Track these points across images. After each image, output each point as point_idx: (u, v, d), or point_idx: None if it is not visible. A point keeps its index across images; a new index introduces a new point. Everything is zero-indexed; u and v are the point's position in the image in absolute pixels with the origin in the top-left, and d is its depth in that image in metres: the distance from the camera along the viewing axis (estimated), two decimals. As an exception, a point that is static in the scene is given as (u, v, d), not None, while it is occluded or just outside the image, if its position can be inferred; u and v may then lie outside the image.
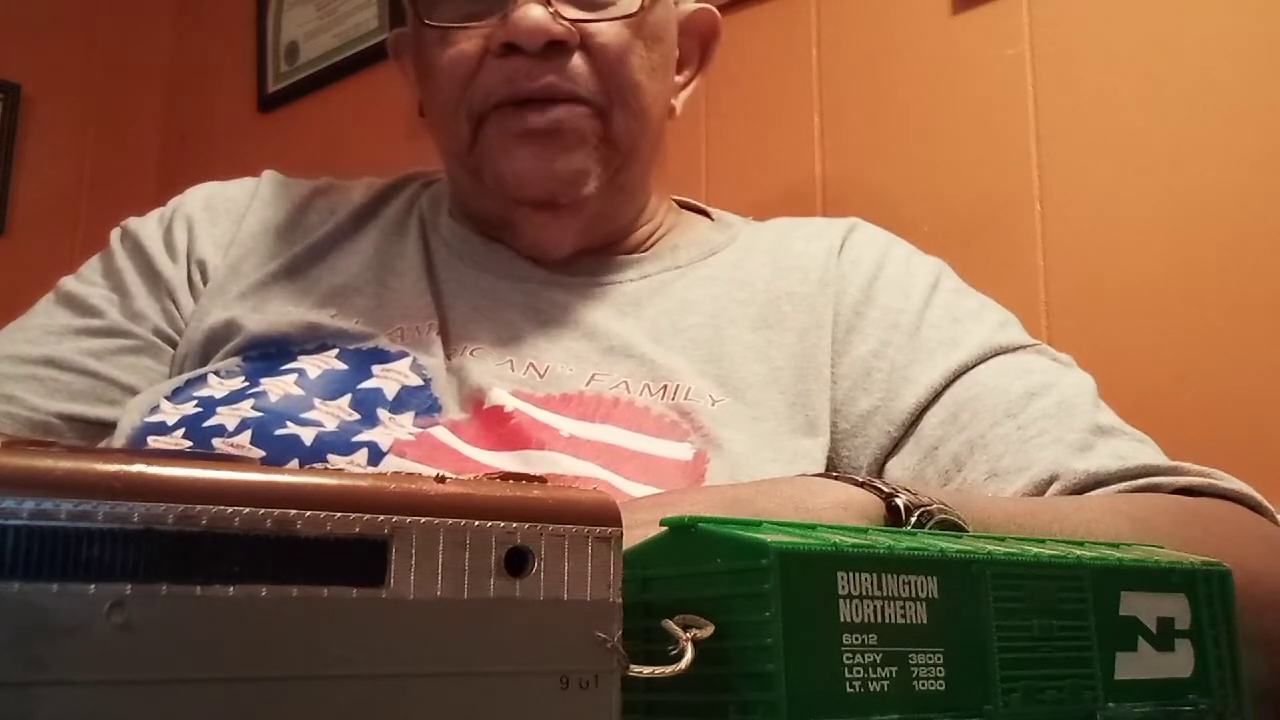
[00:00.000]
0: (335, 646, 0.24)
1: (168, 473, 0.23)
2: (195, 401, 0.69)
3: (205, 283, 0.80)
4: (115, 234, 0.83)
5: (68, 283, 0.81)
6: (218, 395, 0.69)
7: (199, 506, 0.23)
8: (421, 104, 0.80)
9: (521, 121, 0.72)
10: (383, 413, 0.68)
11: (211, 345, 0.75)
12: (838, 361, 0.73)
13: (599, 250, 0.80)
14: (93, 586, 0.22)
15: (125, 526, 0.22)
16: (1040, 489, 0.64)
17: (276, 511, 0.24)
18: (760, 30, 1.49)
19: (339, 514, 0.24)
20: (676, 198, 0.90)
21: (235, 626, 0.23)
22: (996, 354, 0.72)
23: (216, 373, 0.72)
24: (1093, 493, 0.64)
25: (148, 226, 0.82)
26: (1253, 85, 1.14)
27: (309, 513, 0.24)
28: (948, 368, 0.71)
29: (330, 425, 0.66)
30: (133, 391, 0.76)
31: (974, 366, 0.71)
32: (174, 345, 0.79)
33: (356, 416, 0.68)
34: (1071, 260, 1.21)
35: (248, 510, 0.23)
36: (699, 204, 0.89)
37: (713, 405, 0.70)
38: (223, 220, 0.82)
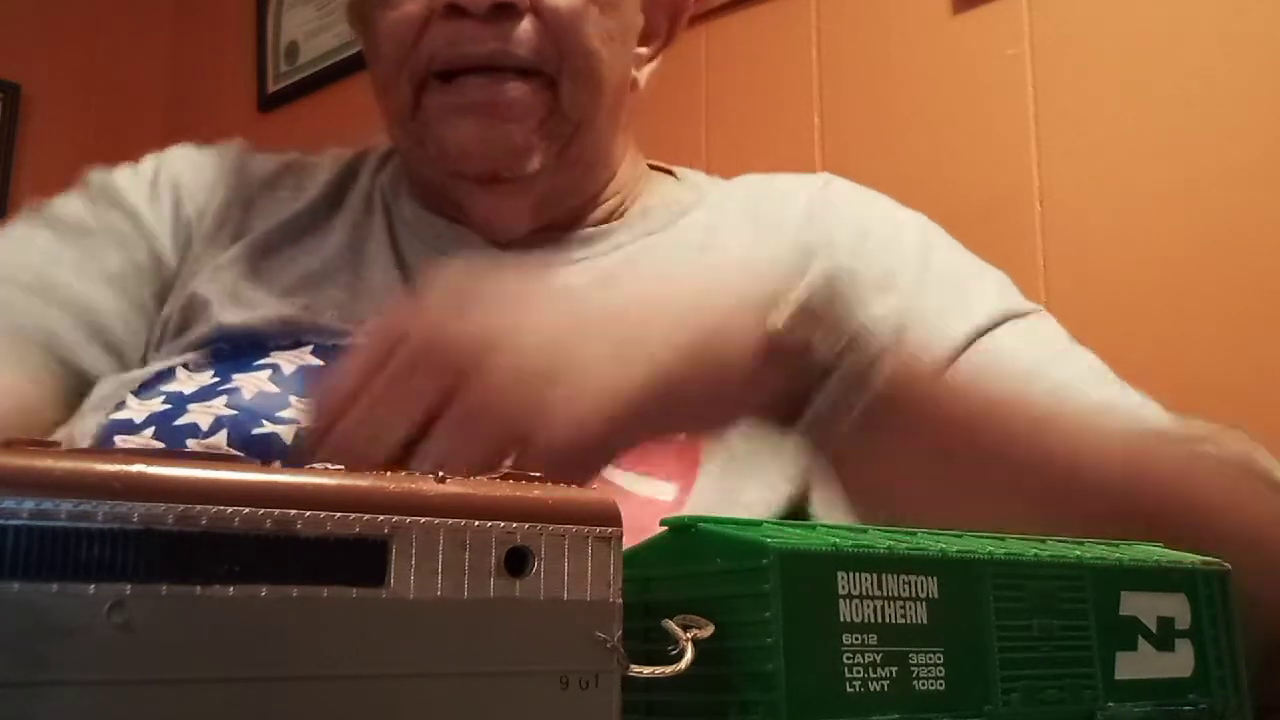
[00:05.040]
0: (335, 646, 0.24)
1: (167, 473, 0.23)
2: (163, 397, 0.67)
3: (189, 247, 0.78)
4: (106, 201, 0.80)
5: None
6: (187, 391, 0.67)
7: (199, 506, 0.23)
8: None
9: (461, 95, 0.69)
10: None
11: (189, 315, 0.74)
12: None
13: (564, 226, 0.77)
14: (93, 587, 0.22)
15: (125, 526, 0.22)
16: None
17: (276, 511, 0.24)
18: (760, 30, 1.49)
19: (339, 514, 0.24)
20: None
21: (235, 626, 0.23)
22: (1010, 319, 0.70)
23: (185, 365, 0.70)
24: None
25: (139, 193, 0.80)
26: (1251, 84, 1.14)
27: (309, 513, 0.24)
28: (962, 332, 0.68)
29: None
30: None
31: (989, 330, 0.69)
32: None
33: None
34: (1071, 259, 1.21)
35: (247, 510, 0.23)
36: (661, 164, 0.86)
37: None
38: (199, 187, 0.80)
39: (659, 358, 0.44)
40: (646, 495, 0.62)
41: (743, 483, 0.64)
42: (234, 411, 0.64)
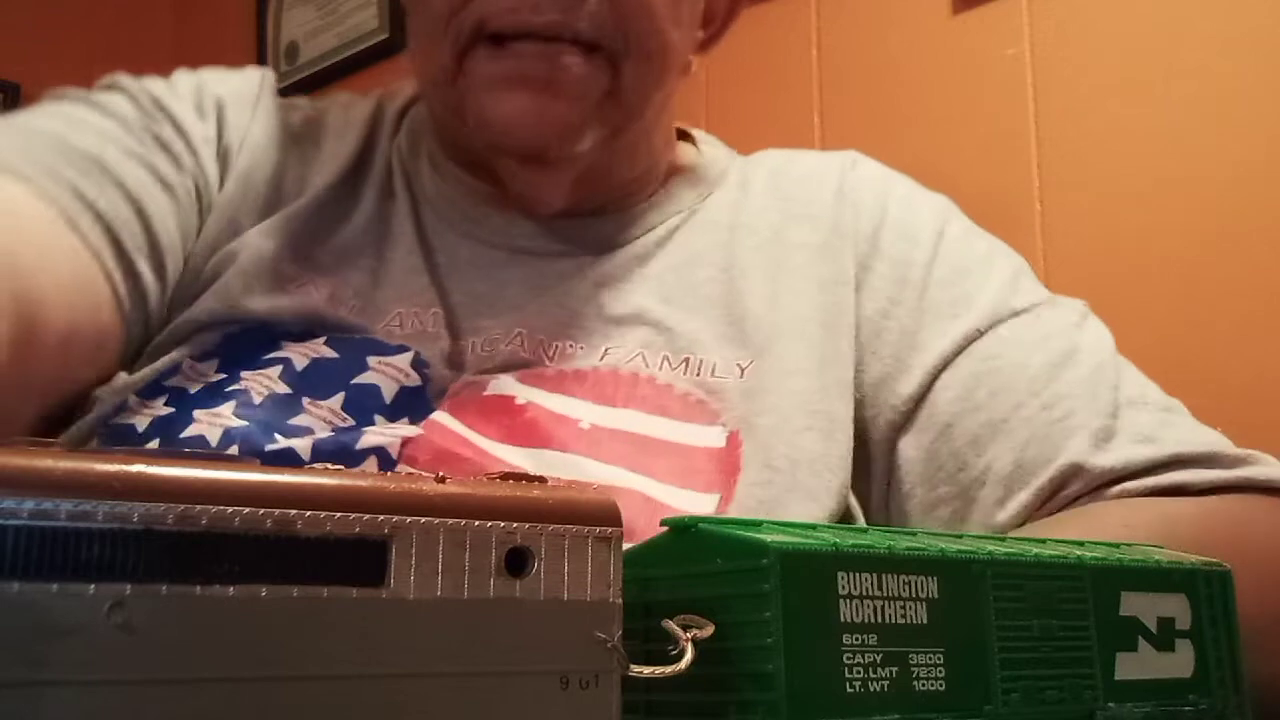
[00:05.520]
0: (335, 646, 0.24)
1: (168, 473, 0.23)
2: (166, 396, 0.63)
3: (223, 183, 0.71)
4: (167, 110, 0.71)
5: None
6: (192, 389, 0.63)
7: (199, 506, 0.23)
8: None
9: (513, 64, 0.63)
10: (379, 419, 0.62)
11: (221, 265, 0.68)
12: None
13: (597, 208, 0.73)
14: (93, 587, 0.22)
15: (125, 526, 0.22)
16: (1058, 484, 0.61)
17: (276, 511, 0.24)
18: (760, 30, 1.49)
19: (339, 514, 0.24)
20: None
21: (235, 626, 0.23)
22: (1010, 316, 0.66)
23: (193, 355, 0.65)
24: (1109, 497, 0.60)
25: (183, 106, 0.71)
26: (1251, 84, 1.14)
27: (309, 513, 0.24)
28: (958, 334, 0.65)
29: (322, 433, 0.60)
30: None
31: (987, 331, 0.66)
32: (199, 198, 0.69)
33: (350, 421, 0.62)
34: (1071, 259, 1.21)
35: (248, 510, 0.23)
36: (680, 125, 0.80)
37: (742, 377, 0.65)
38: (240, 117, 0.73)
39: None
40: (686, 507, 0.59)
41: (785, 495, 0.61)
42: (244, 423, 0.60)
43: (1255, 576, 0.45)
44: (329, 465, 0.26)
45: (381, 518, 0.25)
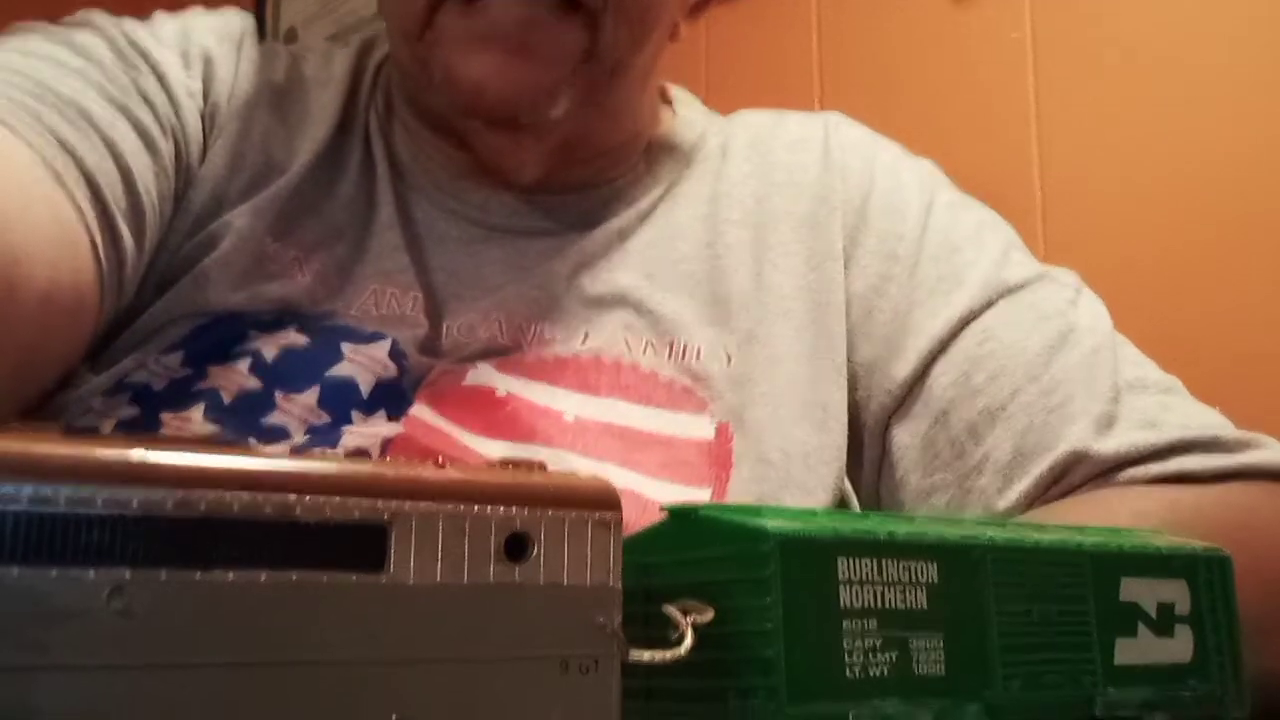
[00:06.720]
0: (334, 632, 0.24)
1: (167, 458, 0.23)
2: (129, 394, 0.59)
3: (206, 146, 0.66)
4: (145, 54, 0.65)
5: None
6: (156, 386, 0.59)
7: (198, 491, 0.23)
8: None
9: (486, 22, 0.58)
10: (356, 415, 0.59)
11: (201, 250, 0.64)
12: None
13: (578, 181, 0.69)
14: (92, 572, 0.22)
15: (124, 512, 0.22)
16: (1059, 472, 0.59)
17: (275, 496, 0.24)
18: (761, 22, 1.48)
19: (338, 499, 0.24)
20: None
21: (235, 612, 0.23)
22: (1004, 293, 0.64)
23: (158, 348, 0.61)
24: (1116, 483, 0.59)
25: (167, 55, 0.66)
26: (1253, 73, 1.14)
27: (308, 498, 0.24)
28: (952, 315, 0.64)
29: (298, 435, 0.57)
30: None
31: (982, 312, 0.64)
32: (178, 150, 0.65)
33: (326, 418, 0.58)
34: (1072, 244, 1.21)
35: (247, 495, 0.23)
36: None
37: (729, 365, 0.63)
38: (226, 72, 0.68)
39: None
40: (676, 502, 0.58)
41: (780, 491, 0.60)
42: (214, 428, 0.57)
43: (1261, 566, 0.45)
44: (327, 450, 0.26)
45: (381, 503, 0.25)
